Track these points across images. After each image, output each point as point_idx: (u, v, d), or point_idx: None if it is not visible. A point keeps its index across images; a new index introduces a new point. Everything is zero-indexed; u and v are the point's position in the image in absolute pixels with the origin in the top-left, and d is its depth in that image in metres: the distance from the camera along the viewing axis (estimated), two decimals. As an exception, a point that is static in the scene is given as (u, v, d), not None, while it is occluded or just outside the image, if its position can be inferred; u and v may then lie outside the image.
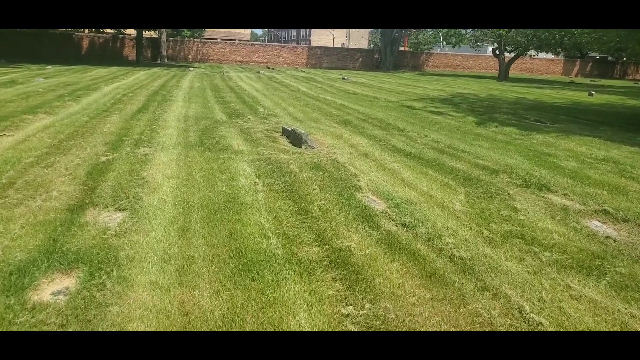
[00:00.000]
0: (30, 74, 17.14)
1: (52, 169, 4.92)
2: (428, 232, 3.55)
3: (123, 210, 3.92)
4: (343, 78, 24.39)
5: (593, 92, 19.75)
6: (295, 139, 7.01)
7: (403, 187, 4.76)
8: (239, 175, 4.96)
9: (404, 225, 3.72)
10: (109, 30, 35.28)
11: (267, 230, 3.50)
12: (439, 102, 14.18)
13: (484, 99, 15.73)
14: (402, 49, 44.90)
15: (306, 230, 3.53)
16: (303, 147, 6.75)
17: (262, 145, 6.64)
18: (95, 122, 7.92)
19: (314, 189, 4.52)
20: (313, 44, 63.58)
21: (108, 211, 3.89)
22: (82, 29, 32.99)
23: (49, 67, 22.12)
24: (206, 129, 7.67)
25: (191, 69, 26.33)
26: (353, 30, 74.49)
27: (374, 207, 4.10)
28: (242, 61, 38.83)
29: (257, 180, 4.81)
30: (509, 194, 4.66)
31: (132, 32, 35.03)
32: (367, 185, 4.75)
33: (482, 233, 3.56)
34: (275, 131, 7.93)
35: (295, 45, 46.59)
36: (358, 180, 4.89)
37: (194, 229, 3.49)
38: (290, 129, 7.40)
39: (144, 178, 4.72)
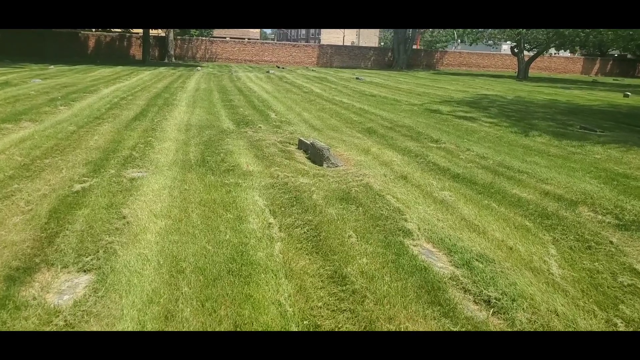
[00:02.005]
0: (30, 75, 16.18)
1: (8, 203, 3.80)
2: (531, 322, 2.37)
3: (88, 272, 2.81)
4: (357, 78, 23.21)
5: (629, 93, 18.35)
6: (315, 154, 5.86)
7: (467, 230, 3.58)
8: (248, 211, 3.81)
9: (488, 303, 2.55)
10: (115, 29, 34.36)
11: (290, 318, 2.34)
12: (465, 105, 12.95)
13: (513, 102, 14.46)
14: (414, 47, 43.53)
15: (349, 318, 2.37)
16: (325, 166, 5.60)
17: (276, 163, 5.49)
18: (83, 132, 6.83)
19: (349, 236, 3.36)
20: (323, 42, 62.28)
21: (67, 273, 2.78)
22: (89, 28, 32.07)
23: (52, 66, 21.19)
24: (210, 142, 6.54)
25: (199, 68, 25.30)
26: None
27: (438, 269, 2.93)
28: (251, 60, 37.75)
29: (271, 219, 3.66)
30: (611, 242, 3.46)
31: (139, 30, 34.06)
32: (419, 228, 3.58)
33: (615, 325, 2.38)
34: (290, 143, 6.79)
35: (305, 44, 45.40)
36: (405, 220, 3.72)
37: (183, 315, 2.34)
38: (308, 142, 6.24)
39: (124, 217, 3.60)
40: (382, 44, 67.49)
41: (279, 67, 31.97)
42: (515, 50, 32.17)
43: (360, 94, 15.19)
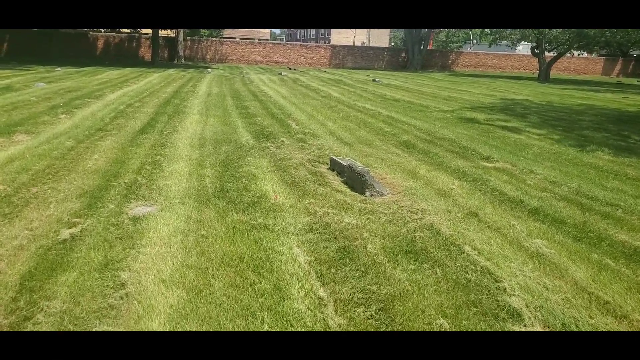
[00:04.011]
0: (34, 78, 15.40)
1: (-28, 260, 2.87)
2: None
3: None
4: (374, 80, 22.21)
5: (669, 98, 17.14)
6: (355, 179, 4.88)
7: (596, 310, 2.58)
8: (288, 276, 2.83)
9: None
10: (124, 30, 33.67)
11: None
12: (499, 112, 11.89)
13: (549, 108, 13.36)
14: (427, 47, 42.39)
15: None
16: (368, 195, 4.63)
17: (310, 192, 4.52)
18: (82, 148, 5.91)
19: (440, 325, 2.37)
20: (333, 42, 61.13)
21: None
22: (97, 29, 31.34)
23: (59, 69, 20.45)
24: (229, 161, 5.58)
25: (209, 70, 24.44)
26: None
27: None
28: (262, 61, 36.89)
29: (321, 291, 2.68)
30: None
31: (148, 31, 33.33)
32: (527, 305, 2.58)
33: None
34: (320, 162, 5.82)
35: (317, 44, 44.38)
36: (503, 290, 2.73)
37: None
38: (344, 163, 5.26)
39: (123, 286, 2.64)
40: (393, 44, 66.40)
41: (290, 69, 31.05)
42: (536, 50, 30.92)
43: (382, 98, 14.19)
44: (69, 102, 9.95)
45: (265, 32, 59.95)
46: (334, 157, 5.72)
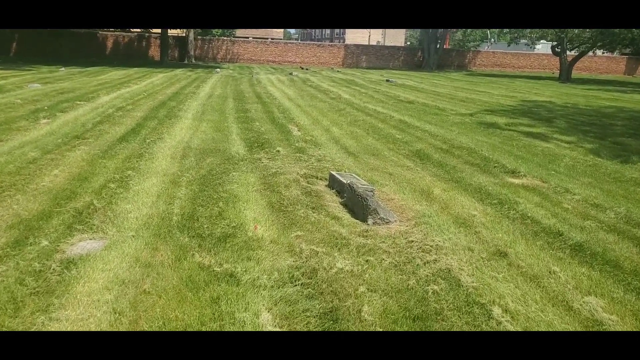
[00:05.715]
0: (32, 78, 14.85)
1: None
2: None
3: None
4: (387, 80, 21.30)
5: None
6: (355, 203, 4.04)
7: None
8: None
9: None
10: (134, 29, 33.19)
11: None
12: (522, 115, 10.91)
13: (576, 111, 12.32)
14: (443, 46, 41.18)
15: None
16: (370, 222, 3.80)
17: (299, 221, 3.69)
18: (45, 161, 5.17)
19: None
20: (347, 41, 60.01)
21: None
22: (106, 29, 30.92)
23: (62, 69, 19.98)
24: (210, 178, 4.79)
25: (218, 70, 23.76)
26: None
27: None
28: (274, 61, 36.15)
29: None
30: None
31: (158, 30, 32.81)
32: None
33: None
34: (317, 178, 5.00)
35: (330, 44, 43.45)
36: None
37: None
38: (344, 181, 4.43)
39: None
40: (409, 43, 65.21)
41: (302, 68, 30.24)
42: (557, 49, 29.61)
43: (395, 100, 13.29)
44: (56, 105, 9.27)
45: (278, 32, 59.21)
46: (333, 172, 4.88)
